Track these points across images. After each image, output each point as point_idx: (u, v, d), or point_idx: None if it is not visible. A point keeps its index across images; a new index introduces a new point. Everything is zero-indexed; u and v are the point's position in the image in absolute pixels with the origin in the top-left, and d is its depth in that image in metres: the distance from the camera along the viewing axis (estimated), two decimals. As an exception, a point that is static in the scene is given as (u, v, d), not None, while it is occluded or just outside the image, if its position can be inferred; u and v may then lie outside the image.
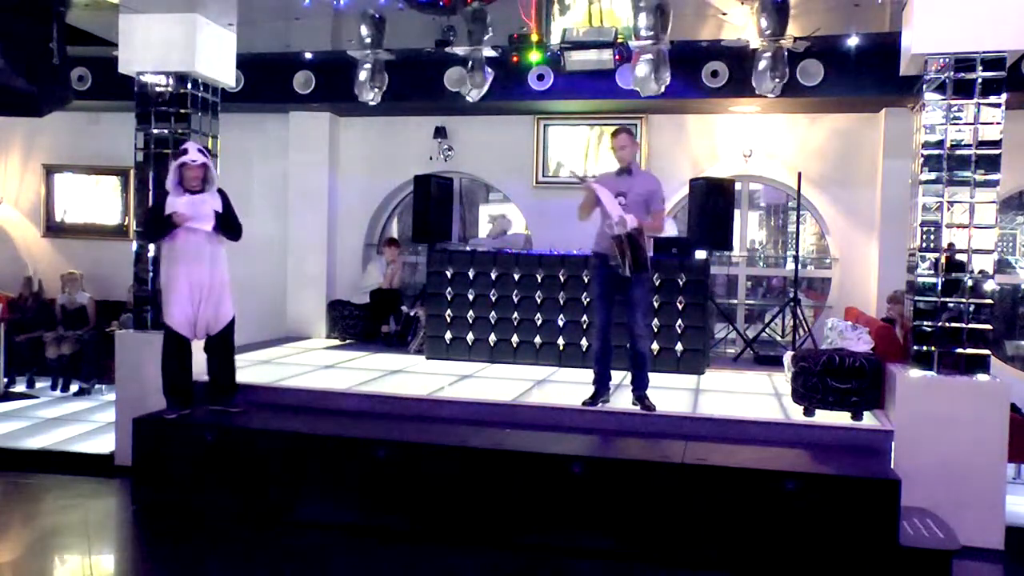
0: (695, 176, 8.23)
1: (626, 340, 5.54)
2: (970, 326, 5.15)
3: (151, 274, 6.38)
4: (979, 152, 5.13)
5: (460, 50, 7.45)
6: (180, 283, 5.46)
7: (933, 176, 5.23)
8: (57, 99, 6.64)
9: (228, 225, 5.57)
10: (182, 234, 5.43)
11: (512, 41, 7.52)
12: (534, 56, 7.52)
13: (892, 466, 4.99)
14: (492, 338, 7.43)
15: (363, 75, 7.66)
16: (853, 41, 7.27)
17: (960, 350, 5.15)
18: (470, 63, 7.45)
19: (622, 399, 5.80)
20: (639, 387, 5.57)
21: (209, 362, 5.73)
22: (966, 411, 5.04)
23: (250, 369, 6.74)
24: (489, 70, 7.46)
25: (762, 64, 6.85)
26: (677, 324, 6.98)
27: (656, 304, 6.96)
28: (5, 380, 8.42)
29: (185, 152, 5.43)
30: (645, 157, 8.71)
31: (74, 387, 8.52)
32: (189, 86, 6.36)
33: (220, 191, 5.59)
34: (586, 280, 7.17)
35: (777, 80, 6.85)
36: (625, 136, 5.51)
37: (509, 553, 4.82)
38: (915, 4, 5.21)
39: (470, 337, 7.47)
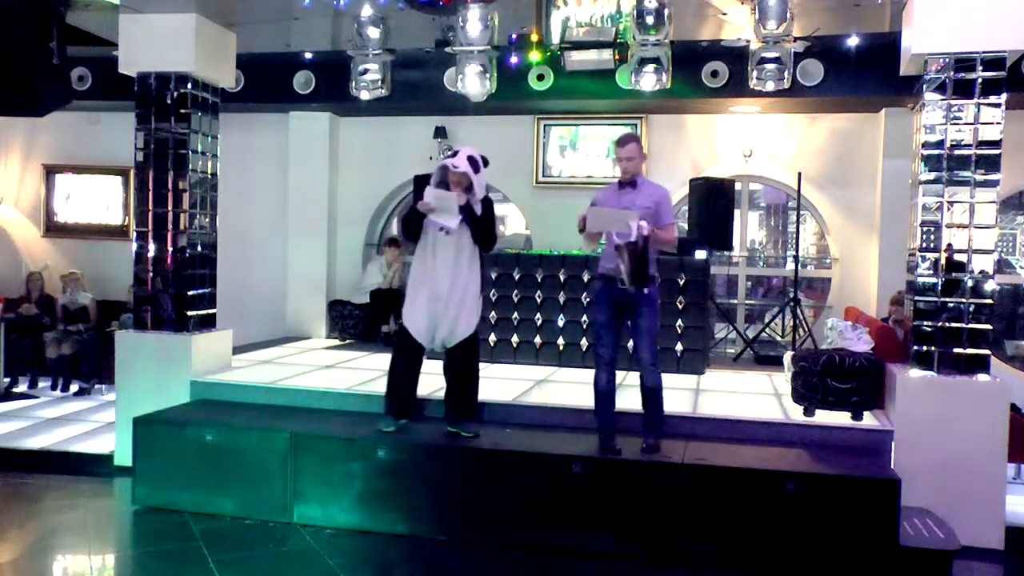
0: (695, 176, 8.24)
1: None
2: (970, 326, 5.14)
3: (151, 274, 6.39)
4: (979, 152, 5.13)
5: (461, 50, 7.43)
6: (421, 285, 5.19)
7: (933, 176, 5.22)
8: (57, 99, 6.67)
9: (482, 230, 5.14)
10: (431, 234, 5.14)
11: (512, 41, 7.53)
12: (534, 56, 7.52)
13: (892, 466, 4.99)
14: (492, 338, 7.43)
15: (362, 75, 7.64)
16: (853, 41, 7.28)
17: (960, 350, 5.14)
18: (475, 64, 7.38)
19: (621, 400, 5.80)
20: (650, 433, 4.99)
21: (446, 377, 5.36)
22: (966, 411, 5.04)
23: (250, 369, 6.75)
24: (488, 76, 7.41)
25: (761, 64, 6.84)
26: (677, 324, 6.98)
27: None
28: (7, 380, 8.42)
29: (455, 153, 5.13)
30: (645, 157, 8.71)
31: (74, 387, 8.51)
32: (189, 86, 6.35)
33: (485, 199, 5.19)
34: (585, 280, 7.18)
35: (777, 81, 6.84)
36: (634, 146, 4.88)
37: (509, 553, 4.82)
38: (915, 4, 5.21)
39: (470, 337, 7.46)
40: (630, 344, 6.90)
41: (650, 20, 6.77)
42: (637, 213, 4.67)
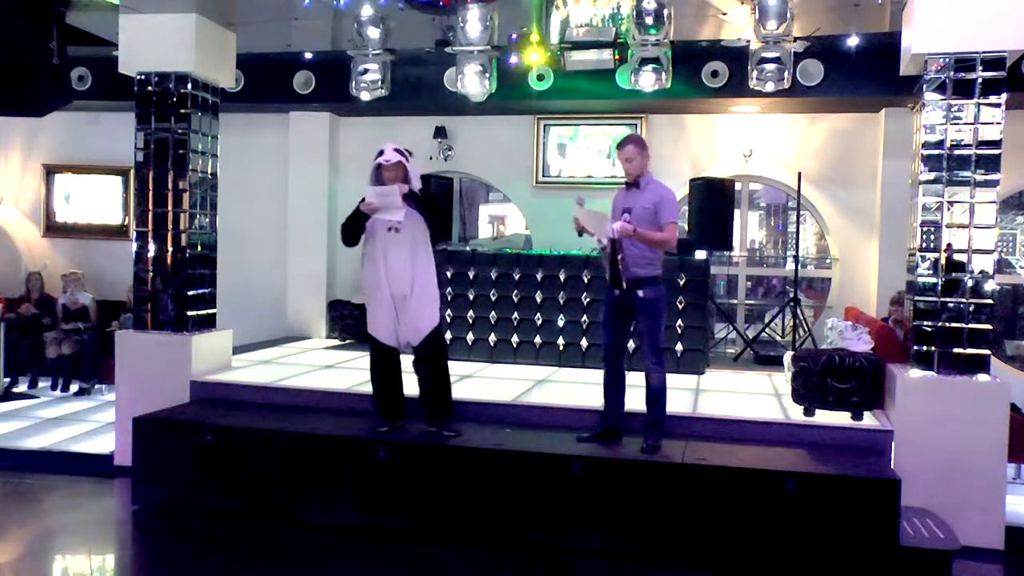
0: (695, 176, 8.24)
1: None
2: (970, 326, 5.14)
3: (151, 274, 6.39)
4: (979, 152, 5.13)
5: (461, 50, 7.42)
6: (380, 287, 5.16)
7: (933, 176, 5.22)
8: (57, 99, 6.68)
9: (433, 208, 5.17)
10: (379, 237, 5.13)
11: (512, 41, 7.52)
12: (534, 56, 7.51)
13: (892, 466, 4.99)
14: (492, 338, 7.43)
15: (362, 75, 7.64)
16: (853, 41, 7.28)
17: (960, 350, 5.14)
18: (475, 64, 7.37)
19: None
20: (650, 434, 4.99)
21: (417, 377, 5.30)
22: (966, 411, 5.04)
23: (250, 369, 6.75)
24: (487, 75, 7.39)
25: (761, 64, 6.84)
26: (677, 324, 6.98)
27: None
28: (7, 380, 8.42)
29: (381, 152, 5.11)
30: (645, 157, 8.70)
31: (74, 387, 8.52)
32: (189, 86, 6.35)
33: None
34: (586, 280, 7.21)
35: (777, 81, 6.84)
36: (631, 148, 4.91)
37: (509, 553, 4.82)
38: (915, 4, 5.21)
39: (470, 337, 7.47)
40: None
41: (650, 20, 6.78)
42: (609, 217, 4.89)
